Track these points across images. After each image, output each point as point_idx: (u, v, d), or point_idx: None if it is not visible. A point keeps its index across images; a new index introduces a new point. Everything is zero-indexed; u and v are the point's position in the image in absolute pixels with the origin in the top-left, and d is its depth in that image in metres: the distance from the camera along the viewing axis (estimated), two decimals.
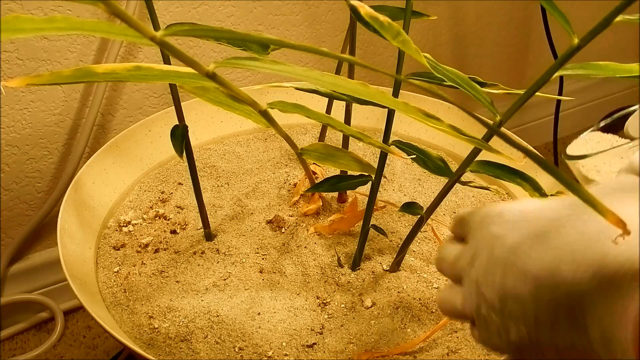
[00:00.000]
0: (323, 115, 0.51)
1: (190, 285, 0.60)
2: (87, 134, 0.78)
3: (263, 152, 0.78)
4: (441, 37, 1.05)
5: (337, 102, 0.66)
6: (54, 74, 0.35)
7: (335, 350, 0.54)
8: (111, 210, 0.68)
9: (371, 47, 0.99)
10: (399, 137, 0.72)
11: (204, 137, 0.78)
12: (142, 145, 0.73)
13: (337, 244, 0.64)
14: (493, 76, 1.17)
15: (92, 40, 0.75)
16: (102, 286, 0.60)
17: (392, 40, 0.46)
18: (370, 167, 0.56)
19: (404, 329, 0.56)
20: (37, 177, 0.80)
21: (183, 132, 0.58)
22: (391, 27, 0.46)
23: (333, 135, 0.79)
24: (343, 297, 0.59)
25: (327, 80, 0.36)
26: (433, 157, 0.55)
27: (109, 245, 0.64)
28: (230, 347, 0.54)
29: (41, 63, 0.73)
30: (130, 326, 0.56)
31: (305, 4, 0.88)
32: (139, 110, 0.83)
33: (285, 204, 0.68)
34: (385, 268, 0.61)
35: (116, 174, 0.70)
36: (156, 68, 0.37)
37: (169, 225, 0.67)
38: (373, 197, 0.58)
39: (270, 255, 0.63)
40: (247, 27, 0.85)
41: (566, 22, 0.41)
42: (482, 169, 0.51)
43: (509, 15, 1.11)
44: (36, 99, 0.75)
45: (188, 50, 0.82)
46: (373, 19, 0.46)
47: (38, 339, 0.87)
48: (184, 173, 0.74)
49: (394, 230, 0.66)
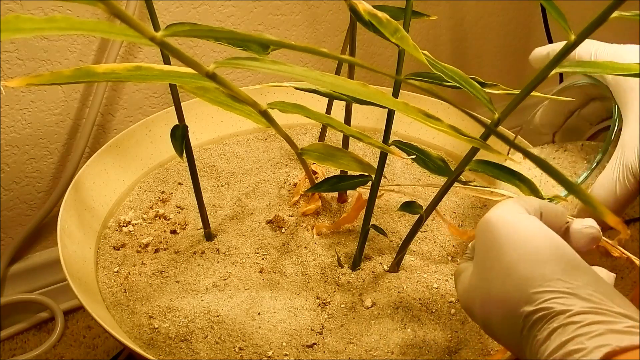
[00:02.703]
0: (323, 115, 0.50)
1: (190, 285, 0.60)
2: (87, 134, 0.78)
3: (263, 152, 0.78)
4: (441, 37, 1.05)
5: (337, 102, 0.66)
6: (54, 74, 0.35)
7: (335, 350, 0.54)
8: (111, 210, 0.68)
9: (371, 47, 0.99)
10: (399, 137, 0.72)
11: (204, 137, 0.78)
12: (142, 145, 0.73)
13: (337, 244, 0.64)
14: (493, 76, 1.17)
15: (92, 40, 0.75)
16: (102, 286, 0.60)
17: (390, 37, 0.46)
18: (370, 167, 0.56)
19: (404, 329, 0.56)
20: (37, 177, 0.80)
21: (183, 132, 0.58)
22: (390, 24, 0.46)
23: (333, 135, 0.79)
24: (343, 297, 0.59)
25: (327, 80, 0.36)
26: (433, 157, 0.55)
27: (109, 245, 0.64)
28: (230, 347, 0.54)
29: (41, 63, 0.73)
30: (130, 326, 0.56)
31: (305, 4, 0.88)
32: (139, 110, 0.83)
33: (285, 204, 0.68)
34: (385, 268, 0.61)
35: (116, 174, 0.70)
36: (156, 68, 0.37)
37: (169, 225, 0.67)
38: (373, 197, 0.58)
39: (270, 255, 0.63)
40: (247, 27, 0.85)
41: (562, 19, 0.41)
42: (481, 169, 0.51)
43: (509, 15, 1.11)
44: (36, 99, 0.75)
45: (188, 50, 0.82)
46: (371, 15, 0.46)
47: (38, 339, 0.86)
48: (184, 173, 0.74)
49: (394, 230, 0.66)
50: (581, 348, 0.31)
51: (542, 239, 0.37)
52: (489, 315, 0.39)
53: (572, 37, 0.40)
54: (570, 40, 0.40)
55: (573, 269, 0.35)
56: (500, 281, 0.37)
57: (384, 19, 0.46)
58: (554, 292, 0.34)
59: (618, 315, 0.32)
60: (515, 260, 0.36)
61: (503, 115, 0.46)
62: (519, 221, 0.39)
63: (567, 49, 0.40)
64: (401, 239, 0.64)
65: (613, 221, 0.33)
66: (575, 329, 0.32)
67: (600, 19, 0.36)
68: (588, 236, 0.42)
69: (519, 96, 0.45)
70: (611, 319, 0.32)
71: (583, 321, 0.32)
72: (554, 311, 0.33)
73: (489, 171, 0.51)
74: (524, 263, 0.36)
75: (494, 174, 0.51)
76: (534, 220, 0.39)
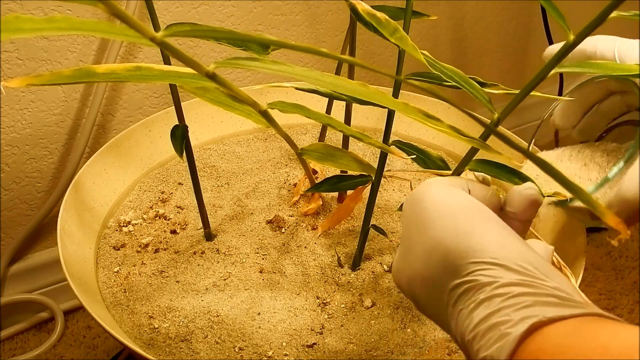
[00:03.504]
0: (323, 115, 0.51)
1: (190, 285, 0.60)
2: (87, 134, 0.78)
3: (263, 152, 0.78)
4: (441, 37, 1.05)
5: (337, 102, 0.66)
6: (54, 74, 0.35)
7: (335, 350, 0.54)
8: (111, 210, 0.68)
9: (371, 47, 0.99)
10: (399, 137, 0.72)
11: (204, 137, 0.78)
12: (142, 145, 0.73)
13: (337, 244, 0.64)
14: (493, 76, 1.17)
15: (92, 40, 0.75)
16: (102, 286, 0.60)
17: (389, 37, 0.47)
18: (370, 167, 0.56)
19: (404, 329, 0.56)
20: (37, 177, 0.80)
21: (183, 132, 0.58)
22: (389, 24, 0.46)
23: (333, 135, 0.79)
24: (343, 297, 0.59)
25: (327, 80, 0.36)
26: (433, 157, 0.55)
27: (109, 245, 0.64)
28: (230, 347, 0.54)
29: (41, 63, 0.73)
30: (130, 326, 0.56)
31: (305, 4, 0.88)
32: (139, 110, 0.83)
33: (285, 204, 0.69)
34: (385, 268, 0.61)
35: (116, 174, 0.70)
36: (156, 68, 0.37)
37: (169, 225, 0.67)
38: (373, 197, 0.58)
39: (270, 255, 0.63)
40: (247, 27, 0.85)
41: (561, 18, 0.41)
42: (481, 168, 0.51)
43: (509, 16, 1.11)
44: (36, 99, 0.75)
45: (188, 50, 0.82)
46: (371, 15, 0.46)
47: (38, 339, 0.87)
48: (184, 173, 0.74)
49: (394, 230, 0.66)
50: (506, 320, 0.30)
51: (468, 210, 0.36)
52: (416, 293, 0.37)
53: (571, 37, 0.40)
54: (570, 40, 0.40)
55: (503, 239, 0.34)
56: (425, 256, 0.36)
57: (383, 19, 0.46)
58: (480, 263, 0.33)
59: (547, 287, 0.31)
60: (441, 234, 0.35)
61: (503, 115, 0.46)
62: (445, 195, 0.37)
63: (566, 49, 0.40)
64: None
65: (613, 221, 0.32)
66: (501, 300, 0.31)
67: (600, 19, 0.36)
68: (527, 197, 0.39)
69: (519, 96, 0.45)
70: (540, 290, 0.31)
71: (510, 293, 0.31)
72: (480, 283, 0.32)
73: (489, 171, 0.51)
74: (450, 236, 0.35)
75: (494, 174, 0.51)
76: (460, 192, 0.38)
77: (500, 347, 0.29)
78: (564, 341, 0.27)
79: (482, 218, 0.35)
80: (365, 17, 0.47)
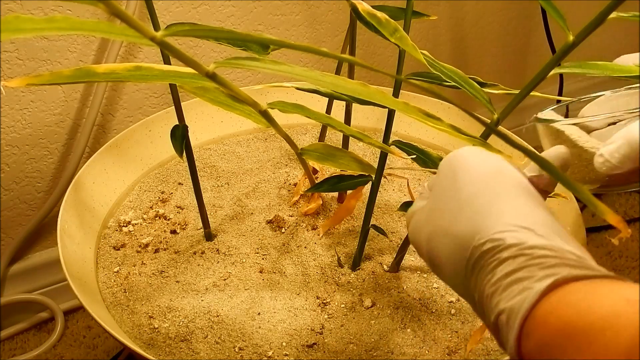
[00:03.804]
0: (323, 115, 0.51)
1: (190, 285, 0.60)
2: (87, 134, 0.78)
3: (263, 152, 0.78)
4: (441, 37, 1.05)
5: (337, 102, 0.66)
6: (54, 74, 0.35)
7: (335, 350, 0.54)
8: (111, 210, 0.68)
9: (371, 47, 0.99)
10: (399, 137, 0.72)
11: (204, 137, 0.78)
12: (142, 145, 0.73)
13: (337, 244, 0.64)
14: (493, 76, 1.17)
15: (92, 40, 0.75)
16: (102, 286, 0.60)
17: (389, 37, 0.47)
18: (370, 167, 0.56)
19: (404, 329, 0.56)
20: (37, 177, 0.80)
21: (183, 132, 0.58)
22: (389, 24, 0.46)
23: (333, 135, 0.79)
24: (343, 297, 0.59)
25: (328, 80, 0.36)
26: (433, 157, 0.55)
27: (109, 245, 0.64)
28: (230, 347, 0.54)
29: (41, 63, 0.73)
30: (130, 326, 0.56)
31: (305, 4, 0.88)
32: (139, 110, 0.83)
33: (285, 204, 0.69)
34: (385, 268, 0.61)
35: (116, 174, 0.70)
36: (156, 68, 0.37)
37: (169, 225, 0.67)
38: (373, 197, 0.58)
39: (270, 255, 0.63)
40: (247, 27, 0.85)
41: (561, 18, 0.42)
42: None
43: (509, 16, 1.11)
44: (36, 99, 0.75)
45: (188, 50, 0.82)
46: (371, 15, 0.47)
47: (38, 339, 0.87)
48: (184, 173, 0.74)
49: (394, 230, 0.66)
50: (531, 275, 0.30)
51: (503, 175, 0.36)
52: (435, 250, 0.37)
53: (571, 38, 0.40)
54: (569, 40, 0.40)
55: (534, 205, 0.35)
56: (453, 215, 0.36)
57: (383, 18, 0.46)
58: (508, 225, 0.33)
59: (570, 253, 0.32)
60: (473, 194, 0.36)
61: (503, 115, 0.46)
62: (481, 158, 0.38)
63: (566, 49, 0.40)
64: (401, 239, 0.64)
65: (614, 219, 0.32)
66: (526, 259, 0.31)
67: (599, 19, 0.36)
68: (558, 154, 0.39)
69: (519, 96, 0.45)
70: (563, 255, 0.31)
71: (534, 254, 0.31)
72: (506, 244, 0.32)
73: None
74: (482, 197, 0.35)
75: None
76: (497, 157, 0.38)
77: (522, 299, 0.30)
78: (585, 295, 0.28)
79: (515, 182, 0.36)
80: (366, 16, 0.47)
